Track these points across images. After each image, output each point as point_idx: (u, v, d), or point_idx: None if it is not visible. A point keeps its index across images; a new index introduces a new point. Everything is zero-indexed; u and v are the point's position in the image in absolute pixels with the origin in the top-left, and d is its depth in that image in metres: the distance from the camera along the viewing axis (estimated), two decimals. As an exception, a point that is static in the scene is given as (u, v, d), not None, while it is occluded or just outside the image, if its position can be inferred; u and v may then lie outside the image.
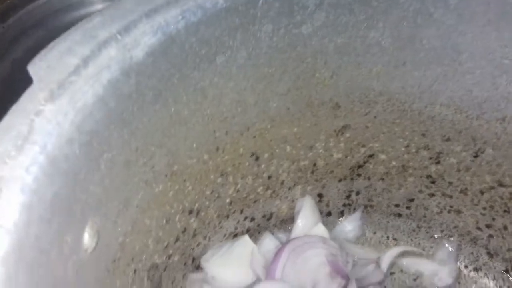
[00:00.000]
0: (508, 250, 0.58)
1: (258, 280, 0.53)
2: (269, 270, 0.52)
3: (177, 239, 0.47)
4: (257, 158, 0.51)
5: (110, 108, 0.30)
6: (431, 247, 0.62)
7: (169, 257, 0.47)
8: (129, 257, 0.38)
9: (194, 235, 0.50)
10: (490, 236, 0.58)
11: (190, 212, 0.48)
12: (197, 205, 0.48)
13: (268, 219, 0.59)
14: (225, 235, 0.56)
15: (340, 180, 0.59)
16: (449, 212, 0.59)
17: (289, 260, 0.52)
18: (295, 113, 0.48)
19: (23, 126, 0.26)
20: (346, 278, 0.54)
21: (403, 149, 0.55)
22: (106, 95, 0.29)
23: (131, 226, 0.37)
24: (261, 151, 0.50)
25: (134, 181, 0.36)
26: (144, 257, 0.42)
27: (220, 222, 0.53)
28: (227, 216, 0.54)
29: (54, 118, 0.26)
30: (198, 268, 0.53)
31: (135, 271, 0.40)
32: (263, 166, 0.52)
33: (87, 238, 0.30)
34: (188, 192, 0.45)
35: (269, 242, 0.58)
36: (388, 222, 0.63)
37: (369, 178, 0.59)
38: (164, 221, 0.44)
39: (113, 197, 0.33)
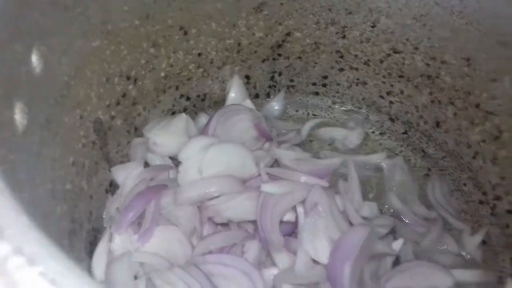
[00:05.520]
0: (406, 113, 0.69)
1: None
2: (201, 132, 0.61)
3: (118, 103, 0.54)
4: (185, 33, 0.57)
5: None
6: (344, 119, 0.72)
7: (113, 118, 0.54)
8: (75, 100, 0.45)
9: (134, 103, 0.57)
10: (391, 102, 0.69)
11: (128, 78, 0.54)
12: (133, 72, 0.55)
13: (203, 100, 0.67)
14: (163, 111, 0.63)
15: (263, 61, 0.67)
16: (357, 85, 0.69)
17: (219, 123, 0.61)
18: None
19: None
20: (270, 139, 0.63)
21: (314, 25, 0.63)
22: None
23: (74, 71, 0.44)
24: (188, 25, 0.57)
25: (73, 28, 0.42)
26: (88, 108, 0.49)
27: (158, 96, 0.61)
28: (164, 91, 0.61)
29: None
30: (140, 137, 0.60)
31: (81, 117, 0.47)
32: (192, 42, 0.59)
33: (35, 57, 0.36)
34: (124, 56, 0.52)
35: (204, 120, 0.66)
36: (308, 101, 0.73)
37: (288, 58, 0.67)
38: (104, 79, 0.50)
39: (56, 33, 0.40)
